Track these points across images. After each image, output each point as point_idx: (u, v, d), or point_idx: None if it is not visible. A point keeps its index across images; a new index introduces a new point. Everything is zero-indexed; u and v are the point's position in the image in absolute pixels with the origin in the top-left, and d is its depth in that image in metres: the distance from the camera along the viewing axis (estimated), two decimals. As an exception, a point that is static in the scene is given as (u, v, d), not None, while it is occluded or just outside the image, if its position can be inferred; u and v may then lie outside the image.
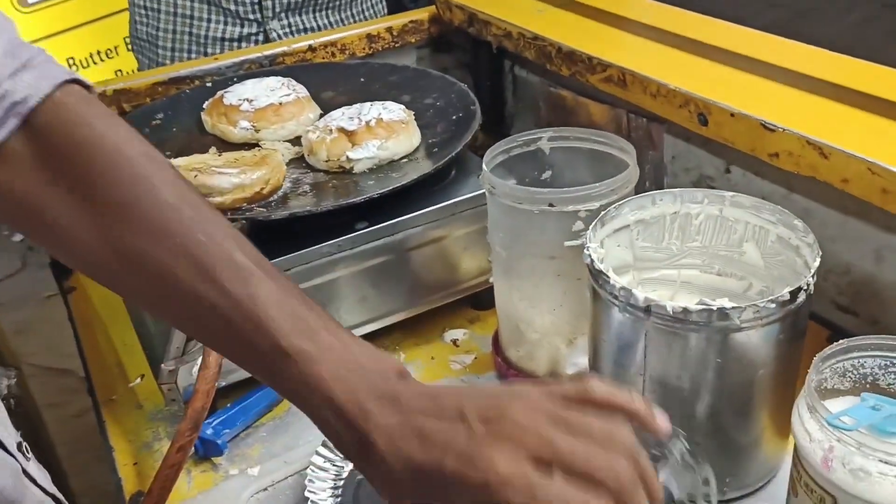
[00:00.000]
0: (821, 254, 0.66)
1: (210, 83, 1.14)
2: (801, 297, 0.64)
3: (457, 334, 0.98)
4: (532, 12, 1.18)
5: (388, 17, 1.37)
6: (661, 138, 1.01)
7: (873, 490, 0.55)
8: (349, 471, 0.76)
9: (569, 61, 1.04)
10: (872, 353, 0.63)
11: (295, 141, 1.01)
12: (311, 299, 0.54)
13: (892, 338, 0.62)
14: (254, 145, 1.00)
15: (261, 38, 1.40)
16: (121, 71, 2.28)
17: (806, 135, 0.77)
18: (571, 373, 0.86)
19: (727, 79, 0.91)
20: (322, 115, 1.04)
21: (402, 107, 0.98)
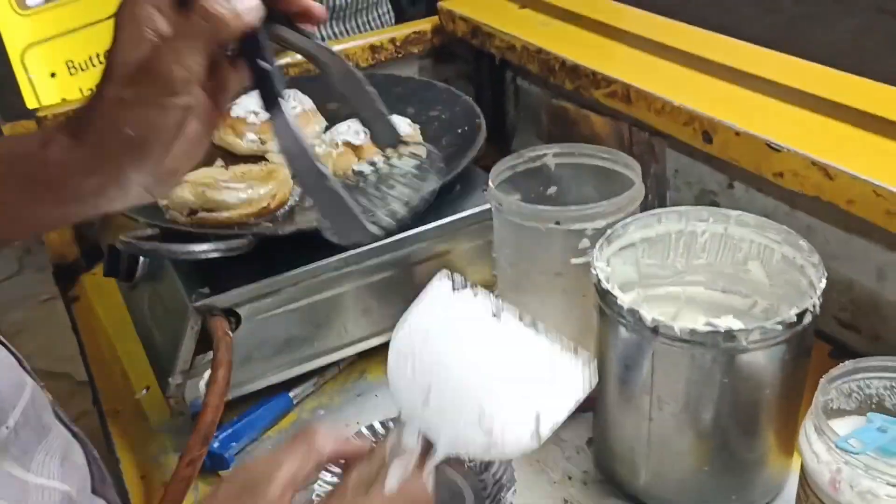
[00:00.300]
0: (826, 275, 0.67)
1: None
2: (808, 319, 0.64)
3: (461, 348, 0.98)
4: (535, 25, 1.18)
5: (392, 28, 1.38)
6: (663, 152, 1.01)
7: (880, 512, 0.56)
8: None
9: (573, 76, 1.05)
10: (878, 374, 0.64)
11: (301, 153, 1.01)
12: None
13: (897, 359, 0.63)
14: (260, 157, 1.00)
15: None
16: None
17: (811, 155, 0.77)
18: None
19: (732, 96, 0.91)
20: (328, 126, 1.04)
21: (408, 120, 0.99)
